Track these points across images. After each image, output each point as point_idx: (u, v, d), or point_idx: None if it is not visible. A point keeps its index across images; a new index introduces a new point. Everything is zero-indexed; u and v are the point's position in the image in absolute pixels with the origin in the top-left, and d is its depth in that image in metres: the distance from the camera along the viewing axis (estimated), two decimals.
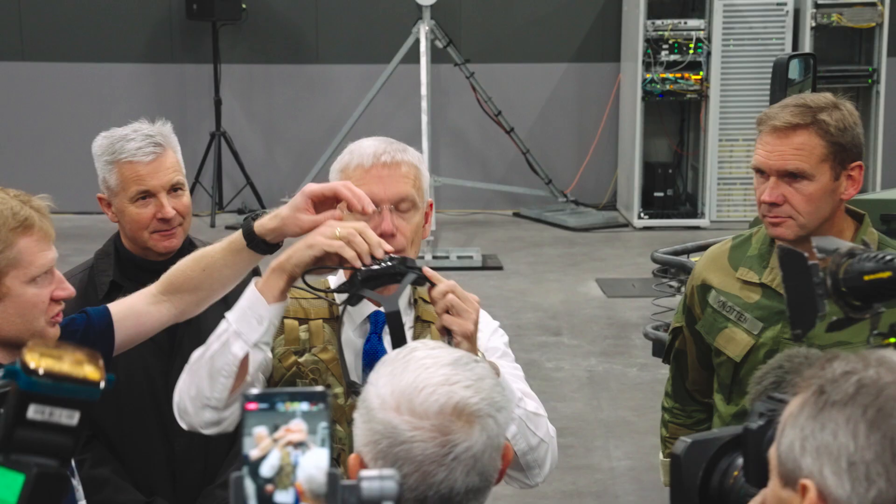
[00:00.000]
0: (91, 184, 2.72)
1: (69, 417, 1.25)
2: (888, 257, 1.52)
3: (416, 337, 2.31)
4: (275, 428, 1.18)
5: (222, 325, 2.09)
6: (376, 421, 1.46)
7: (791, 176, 2.47)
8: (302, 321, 2.23)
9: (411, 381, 1.47)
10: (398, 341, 1.93)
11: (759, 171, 2.52)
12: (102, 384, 1.27)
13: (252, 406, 1.19)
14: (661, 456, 3.01)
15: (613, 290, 7.45)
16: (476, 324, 2.00)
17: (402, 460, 1.43)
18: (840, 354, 1.23)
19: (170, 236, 2.68)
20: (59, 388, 1.24)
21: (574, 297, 7.33)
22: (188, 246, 2.76)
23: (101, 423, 2.73)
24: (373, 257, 1.98)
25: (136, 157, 2.65)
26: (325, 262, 2.02)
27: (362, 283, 1.98)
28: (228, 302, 2.76)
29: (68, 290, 2.13)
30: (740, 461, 1.41)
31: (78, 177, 7.65)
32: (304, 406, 1.19)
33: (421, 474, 1.43)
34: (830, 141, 2.46)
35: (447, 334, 1.99)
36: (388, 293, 2.01)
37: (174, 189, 2.69)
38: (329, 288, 2.28)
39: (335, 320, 2.25)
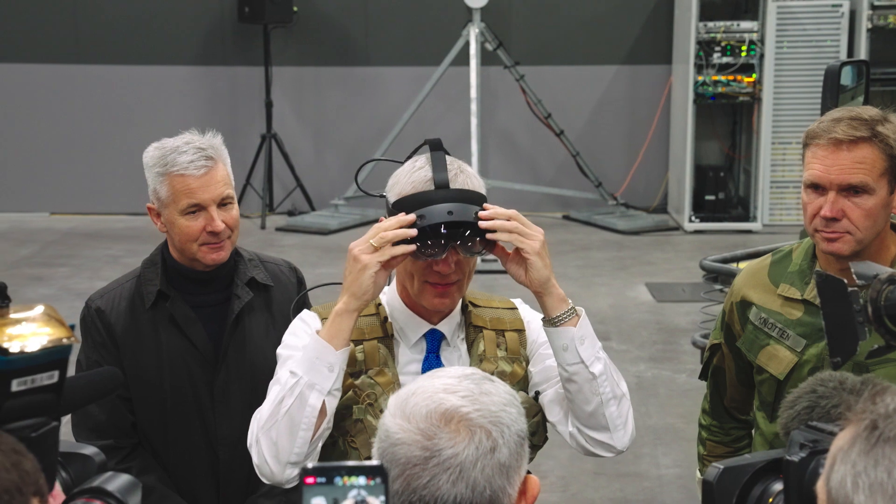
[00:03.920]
0: (145, 186, 2.75)
1: (49, 378, 1.31)
2: None
3: (469, 343, 2.27)
4: (334, 502, 1.21)
5: (290, 378, 2.08)
6: (380, 427, 1.49)
7: (852, 190, 2.40)
8: (357, 342, 2.21)
9: (413, 389, 1.48)
10: None
11: (815, 185, 2.44)
12: (66, 339, 1.31)
13: (310, 480, 1.21)
14: (698, 474, 2.97)
15: (663, 294, 7.40)
16: (543, 244, 2.13)
17: (390, 463, 1.44)
18: (890, 386, 1.20)
19: (218, 249, 2.69)
20: (33, 359, 1.29)
21: (623, 302, 7.29)
22: (235, 258, 2.79)
23: (147, 432, 2.77)
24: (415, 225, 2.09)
25: (187, 171, 2.66)
26: (387, 267, 2.09)
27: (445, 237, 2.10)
28: (274, 315, 2.78)
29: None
30: (775, 487, 1.39)
31: (131, 178, 7.74)
32: (361, 480, 1.21)
33: (405, 478, 1.43)
34: (889, 154, 2.40)
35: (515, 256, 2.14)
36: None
37: (223, 202, 2.71)
38: (379, 304, 2.27)
39: (390, 338, 2.23)
